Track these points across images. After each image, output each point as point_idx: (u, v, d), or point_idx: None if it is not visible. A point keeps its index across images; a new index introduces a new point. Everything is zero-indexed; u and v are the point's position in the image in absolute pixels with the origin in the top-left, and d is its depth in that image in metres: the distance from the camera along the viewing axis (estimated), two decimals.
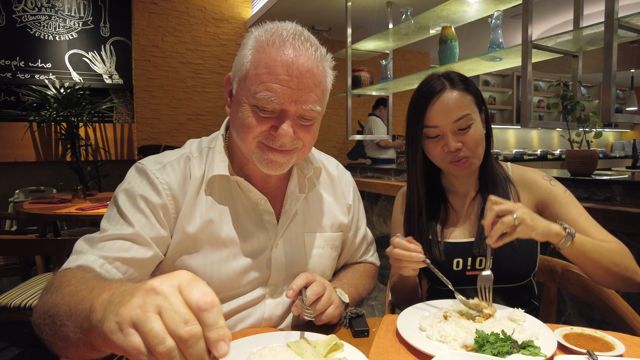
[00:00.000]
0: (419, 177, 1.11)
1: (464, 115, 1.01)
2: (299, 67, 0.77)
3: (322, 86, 0.83)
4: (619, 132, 9.75)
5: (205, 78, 4.90)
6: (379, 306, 2.84)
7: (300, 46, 0.78)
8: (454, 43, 2.58)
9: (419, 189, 1.12)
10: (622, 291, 1.00)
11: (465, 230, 1.10)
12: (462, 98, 1.02)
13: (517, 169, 1.15)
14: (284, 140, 0.81)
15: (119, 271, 0.77)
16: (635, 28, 1.57)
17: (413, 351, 0.75)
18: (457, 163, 1.04)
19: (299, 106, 0.79)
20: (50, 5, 4.47)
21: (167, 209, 0.84)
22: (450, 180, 1.16)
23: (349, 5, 3.45)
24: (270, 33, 0.80)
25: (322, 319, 0.83)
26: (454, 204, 1.15)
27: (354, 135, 3.70)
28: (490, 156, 1.10)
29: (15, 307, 1.78)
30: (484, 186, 1.11)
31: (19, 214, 2.55)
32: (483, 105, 1.08)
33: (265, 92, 0.77)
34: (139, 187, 0.84)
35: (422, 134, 1.06)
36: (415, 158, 1.10)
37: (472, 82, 1.07)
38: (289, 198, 0.96)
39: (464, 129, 1.02)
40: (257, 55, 0.79)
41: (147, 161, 0.89)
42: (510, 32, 4.76)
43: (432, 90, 1.03)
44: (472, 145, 1.02)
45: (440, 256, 1.07)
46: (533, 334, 0.78)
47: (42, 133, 4.46)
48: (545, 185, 1.08)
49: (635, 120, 1.76)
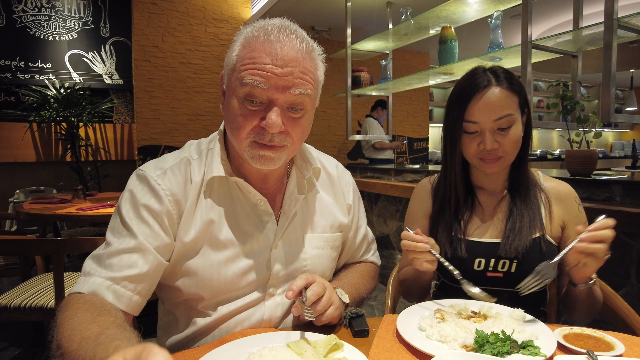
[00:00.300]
0: (457, 170, 1.09)
1: (505, 115, 0.99)
2: (283, 57, 0.77)
3: (310, 74, 0.81)
4: (619, 132, 9.75)
5: (205, 78, 4.90)
6: (379, 306, 2.84)
7: (284, 38, 0.78)
8: (454, 43, 2.59)
9: (456, 183, 1.09)
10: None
11: (492, 229, 1.08)
12: (507, 97, 1.00)
13: (549, 179, 1.13)
14: (272, 131, 0.79)
15: (127, 289, 0.78)
16: (634, 28, 1.57)
17: (413, 351, 0.75)
18: (488, 160, 1.02)
19: (286, 93, 0.78)
20: (50, 6, 4.47)
21: (171, 215, 0.84)
22: (480, 177, 1.14)
23: (348, 6, 3.45)
24: (257, 29, 0.80)
25: (322, 320, 0.83)
26: (482, 201, 1.13)
27: (353, 135, 3.70)
28: (525, 158, 1.08)
29: (15, 307, 1.78)
30: (514, 187, 1.09)
31: (19, 214, 2.55)
32: (526, 107, 1.06)
33: (250, 77, 0.77)
34: (141, 196, 0.84)
35: (461, 128, 1.04)
36: (453, 151, 1.08)
37: (518, 81, 1.04)
38: (288, 199, 0.96)
39: (503, 128, 1.00)
40: (243, 50, 0.80)
41: (148, 167, 0.88)
42: (510, 33, 4.77)
43: (477, 85, 1.01)
44: (509, 146, 1.01)
45: (462, 253, 1.05)
46: (533, 333, 0.78)
47: (42, 133, 4.46)
48: (575, 209, 1.08)
49: (634, 120, 1.77)
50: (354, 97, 3.67)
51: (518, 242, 1.01)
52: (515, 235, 1.02)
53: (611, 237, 0.83)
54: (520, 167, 1.08)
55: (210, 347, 0.75)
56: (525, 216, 1.04)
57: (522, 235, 1.02)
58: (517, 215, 1.05)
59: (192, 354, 0.75)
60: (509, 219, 1.06)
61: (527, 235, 1.02)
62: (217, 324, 0.88)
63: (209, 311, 0.88)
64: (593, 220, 0.85)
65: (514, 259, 1.02)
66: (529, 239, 1.02)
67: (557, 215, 1.07)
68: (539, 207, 1.06)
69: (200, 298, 0.87)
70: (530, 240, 1.02)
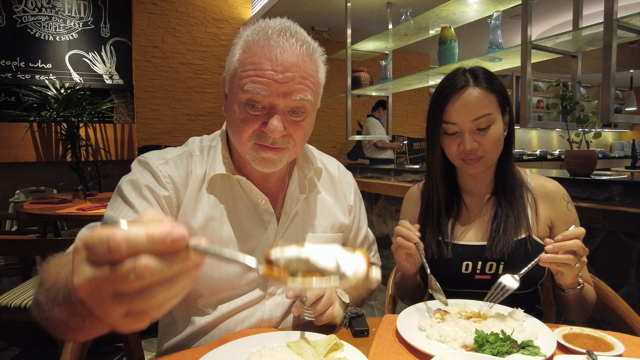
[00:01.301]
0: (437, 172, 1.09)
1: (483, 115, 0.98)
2: (283, 63, 0.77)
3: (311, 78, 0.82)
4: (618, 132, 9.75)
5: (205, 78, 4.90)
6: (379, 306, 2.84)
7: (284, 43, 0.78)
8: (454, 43, 2.59)
9: (437, 185, 1.09)
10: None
11: (477, 232, 1.08)
12: (484, 97, 0.99)
13: (537, 177, 1.12)
14: (274, 136, 0.80)
15: None
16: (634, 28, 1.57)
17: (413, 351, 0.75)
18: (469, 161, 1.02)
19: (287, 99, 0.79)
20: (51, 6, 4.47)
21: (171, 201, 0.85)
22: (465, 179, 1.13)
23: (348, 6, 3.45)
24: (257, 32, 0.80)
25: (322, 320, 0.83)
26: (468, 204, 1.12)
27: (353, 135, 3.70)
28: (510, 159, 1.08)
29: (15, 307, 1.78)
30: (500, 188, 1.09)
31: (20, 214, 2.55)
32: (507, 106, 1.05)
33: (251, 85, 0.77)
34: (144, 178, 0.84)
35: (440, 129, 1.04)
36: (434, 153, 1.08)
37: (498, 81, 1.03)
38: (289, 199, 0.96)
39: (482, 128, 1.00)
40: (243, 55, 0.80)
41: (150, 155, 0.89)
42: (510, 33, 4.77)
43: (454, 86, 1.01)
44: (489, 146, 1.00)
45: (449, 256, 1.05)
46: (533, 333, 0.78)
47: (43, 133, 4.46)
48: (563, 207, 1.07)
49: (634, 120, 1.77)
50: (354, 97, 3.67)
51: (503, 243, 1.01)
52: (501, 237, 1.02)
53: (580, 247, 0.82)
54: (505, 167, 1.08)
55: (211, 347, 0.75)
56: (510, 217, 1.04)
57: (507, 236, 1.01)
58: (501, 216, 1.04)
59: (192, 354, 0.75)
60: (494, 221, 1.05)
61: (512, 236, 1.02)
62: (217, 322, 0.88)
63: (209, 309, 0.89)
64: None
65: (500, 260, 1.02)
66: (515, 240, 1.01)
67: (543, 214, 1.06)
68: (524, 207, 1.05)
69: (198, 294, 0.87)
70: (515, 242, 1.01)
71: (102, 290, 0.35)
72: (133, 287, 0.35)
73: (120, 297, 0.35)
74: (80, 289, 0.36)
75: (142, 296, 0.35)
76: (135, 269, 0.34)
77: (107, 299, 0.35)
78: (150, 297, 0.35)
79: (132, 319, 0.37)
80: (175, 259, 0.36)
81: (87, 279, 0.35)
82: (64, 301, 0.46)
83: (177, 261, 0.36)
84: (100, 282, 0.35)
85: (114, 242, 0.34)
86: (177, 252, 0.36)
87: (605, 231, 1.57)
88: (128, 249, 0.34)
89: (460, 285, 1.04)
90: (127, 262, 0.34)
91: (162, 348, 0.93)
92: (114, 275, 0.34)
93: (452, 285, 1.03)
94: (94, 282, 0.35)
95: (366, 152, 5.15)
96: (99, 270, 0.35)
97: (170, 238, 0.35)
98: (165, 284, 0.36)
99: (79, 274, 0.36)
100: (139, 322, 0.37)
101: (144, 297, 0.35)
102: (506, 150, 1.06)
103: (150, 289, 0.35)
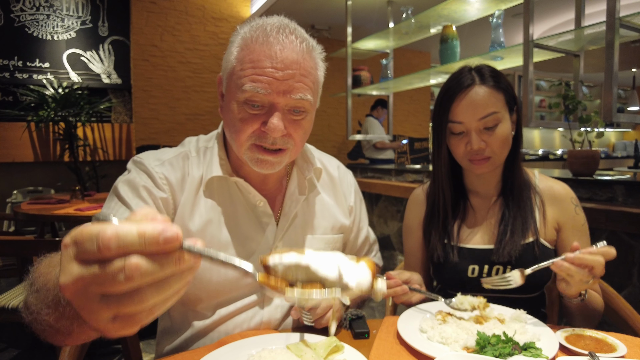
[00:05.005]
0: (443, 174, 1.07)
1: (490, 113, 0.97)
2: (283, 60, 0.76)
3: (311, 77, 0.80)
4: (621, 132, 9.74)
5: (204, 77, 4.89)
6: (380, 308, 2.83)
7: (284, 39, 0.77)
8: (455, 42, 2.58)
9: (443, 187, 1.07)
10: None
11: (484, 235, 1.06)
12: (491, 95, 0.98)
13: (545, 179, 1.10)
14: (274, 135, 0.79)
15: None
16: (636, 27, 1.56)
17: (414, 353, 0.74)
18: (477, 161, 1.00)
19: (287, 97, 0.78)
20: (49, 5, 4.46)
21: (168, 202, 0.84)
22: (472, 180, 1.11)
23: (349, 4, 3.44)
24: (255, 29, 0.78)
25: (322, 323, 0.82)
26: (475, 205, 1.10)
27: (354, 135, 3.69)
28: (518, 159, 1.06)
29: (13, 308, 1.77)
30: (507, 189, 1.06)
31: (17, 215, 2.54)
32: (515, 105, 1.03)
33: (250, 84, 0.76)
34: (141, 179, 0.83)
35: (447, 129, 1.02)
36: (440, 153, 1.06)
37: (504, 79, 1.01)
38: (288, 200, 0.94)
39: (489, 127, 0.98)
40: (241, 52, 0.78)
41: (146, 156, 0.88)
42: (512, 32, 4.75)
43: (460, 84, 0.99)
44: (497, 146, 0.98)
45: (455, 260, 1.04)
46: (535, 335, 0.77)
47: (40, 133, 4.45)
48: (571, 210, 1.05)
49: (637, 120, 1.76)
50: (355, 96, 3.66)
51: (511, 247, 0.99)
52: (508, 241, 1.00)
53: (600, 266, 0.78)
54: (513, 168, 1.06)
55: (210, 349, 0.74)
56: (518, 220, 1.02)
57: (514, 240, 1.00)
58: (509, 219, 1.03)
59: (191, 356, 0.74)
60: (500, 224, 1.03)
61: (520, 239, 1.00)
62: (216, 325, 0.87)
63: (208, 312, 0.87)
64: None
65: (507, 264, 1.00)
66: (522, 244, 1.00)
67: (551, 217, 1.04)
68: (532, 210, 1.04)
69: (198, 299, 0.86)
70: (523, 245, 1.00)
71: (89, 290, 0.33)
72: (122, 289, 0.33)
73: (108, 299, 0.33)
74: (65, 288, 0.34)
75: (131, 299, 0.33)
76: (124, 269, 0.32)
77: (94, 301, 0.34)
78: (140, 300, 0.33)
79: (120, 324, 0.35)
80: (167, 260, 0.34)
81: (74, 278, 0.33)
82: (53, 303, 0.44)
83: (170, 263, 0.34)
84: (87, 281, 0.33)
85: (103, 239, 0.32)
86: (170, 253, 0.34)
87: (607, 232, 1.56)
88: (118, 247, 0.32)
89: (465, 289, 1.02)
90: (116, 261, 0.32)
91: (160, 350, 0.92)
92: (102, 275, 0.32)
93: (458, 289, 1.02)
94: (80, 281, 0.33)
95: (366, 153, 5.14)
96: (86, 269, 0.33)
97: (162, 237, 0.33)
98: (157, 286, 0.34)
99: (65, 272, 0.34)
100: (127, 327, 0.35)
101: (134, 300, 0.33)
102: (514, 150, 1.04)
103: (140, 291, 0.33)
